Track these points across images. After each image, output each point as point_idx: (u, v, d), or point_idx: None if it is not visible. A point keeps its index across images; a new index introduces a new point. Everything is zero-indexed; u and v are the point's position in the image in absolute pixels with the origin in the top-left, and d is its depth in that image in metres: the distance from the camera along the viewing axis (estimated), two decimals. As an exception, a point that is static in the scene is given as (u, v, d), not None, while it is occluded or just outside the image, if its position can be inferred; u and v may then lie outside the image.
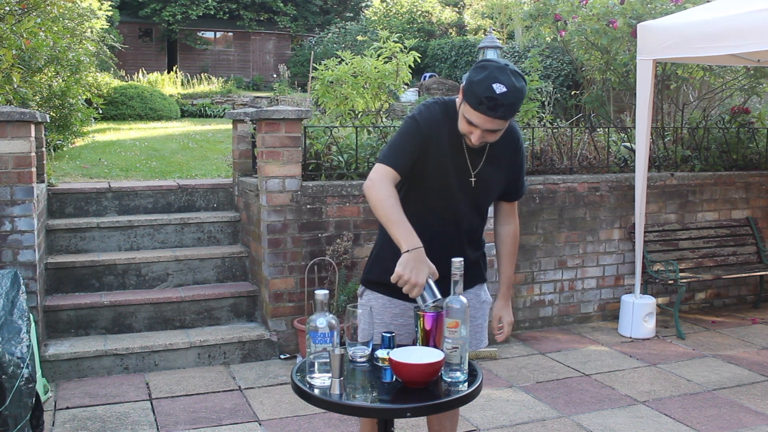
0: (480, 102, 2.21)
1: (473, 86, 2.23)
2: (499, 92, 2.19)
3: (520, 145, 2.56)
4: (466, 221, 2.53)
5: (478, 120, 2.25)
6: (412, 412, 2.05)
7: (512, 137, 2.51)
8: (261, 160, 4.74)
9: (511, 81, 2.21)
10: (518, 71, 2.28)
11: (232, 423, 3.77)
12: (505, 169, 2.52)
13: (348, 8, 28.40)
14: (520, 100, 2.24)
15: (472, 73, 2.27)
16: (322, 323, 2.07)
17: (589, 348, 5.08)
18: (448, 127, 2.41)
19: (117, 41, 13.54)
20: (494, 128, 2.28)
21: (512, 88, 2.20)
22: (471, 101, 2.24)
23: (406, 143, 2.40)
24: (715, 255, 5.92)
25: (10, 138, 4.12)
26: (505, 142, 2.45)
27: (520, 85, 2.23)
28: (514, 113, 2.26)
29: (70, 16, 7.54)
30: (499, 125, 2.28)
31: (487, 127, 2.27)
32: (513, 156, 2.53)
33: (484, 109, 2.21)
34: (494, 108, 2.20)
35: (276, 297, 4.77)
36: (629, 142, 6.04)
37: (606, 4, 6.64)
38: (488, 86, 2.19)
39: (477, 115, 2.24)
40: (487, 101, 2.20)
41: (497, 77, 2.20)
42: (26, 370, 3.18)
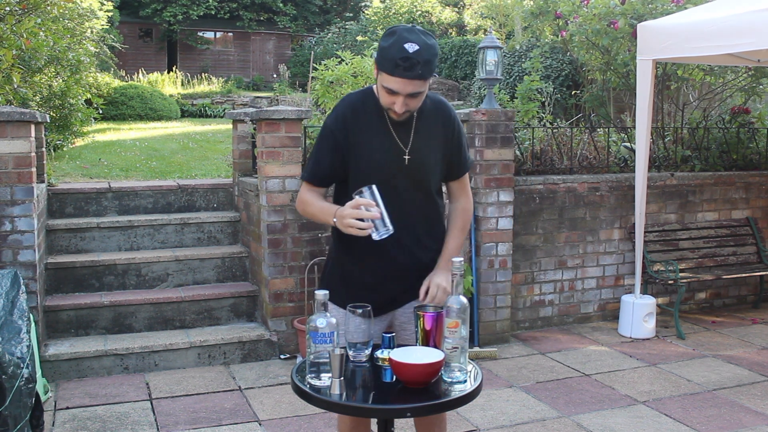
0: (396, 65, 2.18)
1: (385, 52, 2.21)
2: (412, 51, 2.17)
3: (453, 120, 2.51)
4: (413, 205, 2.45)
5: (397, 85, 2.22)
6: (413, 412, 2.05)
7: (441, 112, 2.48)
8: (261, 160, 4.74)
9: (422, 39, 2.20)
10: (427, 30, 2.26)
11: (232, 423, 3.77)
12: (440, 144, 2.47)
13: (348, 8, 28.40)
14: (434, 56, 2.22)
15: (382, 40, 2.25)
16: (323, 323, 2.07)
17: (589, 348, 5.08)
18: (366, 112, 2.40)
19: (117, 41, 13.54)
20: (415, 91, 2.25)
21: (424, 45, 2.19)
22: (386, 67, 2.21)
23: (318, 151, 2.46)
24: (715, 255, 5.92)
25: (10, 138, 4.12)
26: (433, 117, 2.44)
27: (431, 42, 2.22)
28: (431, 71, 2.23)
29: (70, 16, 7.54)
30: (420, 86, 2.25)
31: (408, 91, 2.24)
32: (446, 130, 2.48)
33: (401, 71, 2.19)
34: (411, 68, 2.18)
35: (276, 297, 4.77)
36: (629, 142, 6.04)
37: (607, 5, 6.64)
38: (400, 47, 2.18)
39: (395, 80, 2.21)
40: (403, 62, 2.17)
41: (407, 37, 2.19)
42: (26, 370, 3.18)
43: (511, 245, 5.15)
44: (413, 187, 2.44)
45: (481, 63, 5.35)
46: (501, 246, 5.09)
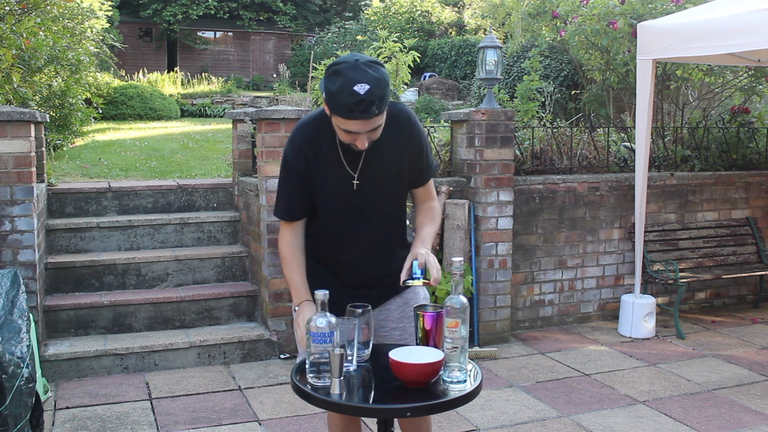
0: (350, 110, 2.08)
1: (335, 97, 2.09)
2: (364, 92, 2.05)
3: (411, 129, 2.38)
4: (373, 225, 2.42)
5: (356, 126, 2.13)
6: (412, 412, 2.05)
7: (398, 124, 2.35)
8: (261, 160, 4.74)
9: (370, 75, 2.08)
10: (371, 60, 2.14)
11: (232, 423, 3.77)
12: (397, 158, 2.37)
13: (347, 8, 28.40)
14: (387, 87, 2.11)
15: (327, 82, 2.12)
16: (322, 323, 2.07)
17: (589, 348, 5.08)
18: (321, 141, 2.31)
19: (117, 41, 13.54)
20: (375, 126, 2.17)
21: (374, 81, 2.07)
22: (341, 112, 2.10)
23: (285, 187, 2.41)
24: (715, 255, 5.92)
25: (10, 138, 4.12)
26: (387, 134, 2.30)
27: (380, 75, 2.10)
28: (386, 104, 2.15)
29: (70, 15, 7.54)
30: (379, 121, 2.16)
31: (368, 129, 2.15)
32: (403, 142, 2.37)
33: (358, 114, 2.08)
34: (367, 109, 2.08)
35: (276, 297, 4.77)
36: (629, 141, 6.04)
37: (606, 4, 6.64)
38: (350, 91, 2.06)
39: (353, 122, 2.11)
40: (357, 106, 2.06)
41: (354, 78, 2.07)
42: (26, 370, 3.18)
43: (510, 245, 5.15)
44: (370, 209, 2.40)
45: (480, 63, 5.36)
46: (501, 246, 5.09)
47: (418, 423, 2.63)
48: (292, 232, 2.44)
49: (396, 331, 2.53)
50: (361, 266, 2.46)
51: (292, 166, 2.36)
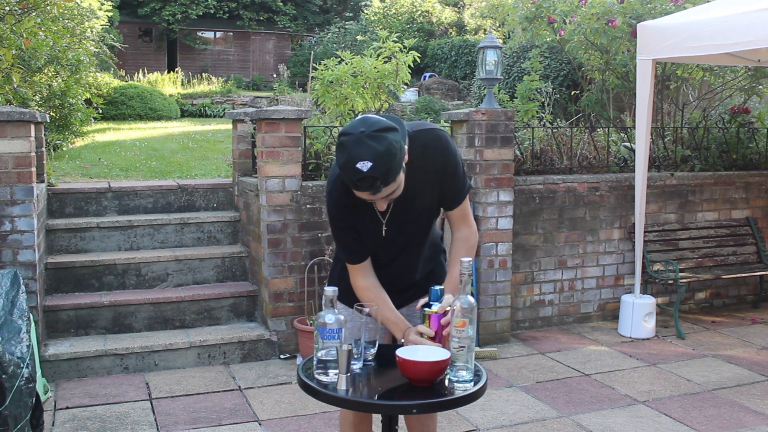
0: (356, 185, 2.10)
1: (342, 170, 2.11)
2: (367, 170, 2.03)
3: (441, 154, 2.34)
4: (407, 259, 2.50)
5: (368, 196, 2.15)
6: (418, 409, 2.06)
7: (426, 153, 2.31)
8: (261, 160, 4.74)
9: (373, 149, 2.03)
10: (378, 128, 2.08)
11: (232, 423, 3.77)
12: (428, 190, 2.38)
13: (348, 8, 28.40)
14: (393, 160, 2.06)
15: (337, 154, 2.13)
16: (331, 319, 2.08)
17: (589, 348, 5.08)
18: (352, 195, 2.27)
19: (117, 41, 13.54)
20: (387, 194, 2.16)
21: (377, 156, 2.03)
22: (350, 185, 2.14)
23: (342, 238, 2.45)
24: (715, 255, 5.92)
25: (10, 138, 4.12)
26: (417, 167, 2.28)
27: (384, 146, 2.04)
28: (395, 174, 2.09)
29: (70, 15, 7.54)
30: (391, 188, 2.15)
31: (380, 197, 2.16)
32: (434, 170, 2.35)
33: (364, 188, 2.09)
34: (371, 185, 2.07)
35: (276, 297, 4.77)
36: (629, 141, 6.05)
37: (605, 4, 6.64)
38: (353, 168, 2.05)
39: (363, 193, 2.14)
40: (362, 183, 2.07)
41: (358, 154, 2.04)
42: (26, 370, 3.18)
43: (510, 245, 5.15)
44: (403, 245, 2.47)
45: (481, 63, 5.36)
46: (501, 246, 5.10)
47: (425, 420, 2.65)
48: (363, 275, 2.45)
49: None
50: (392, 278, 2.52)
51: (337, 217, 2.41)
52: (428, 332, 2.24)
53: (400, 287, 2.55)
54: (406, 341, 2.32)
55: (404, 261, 2.52)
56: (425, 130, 2.34)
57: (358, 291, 2.45)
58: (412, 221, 2.43)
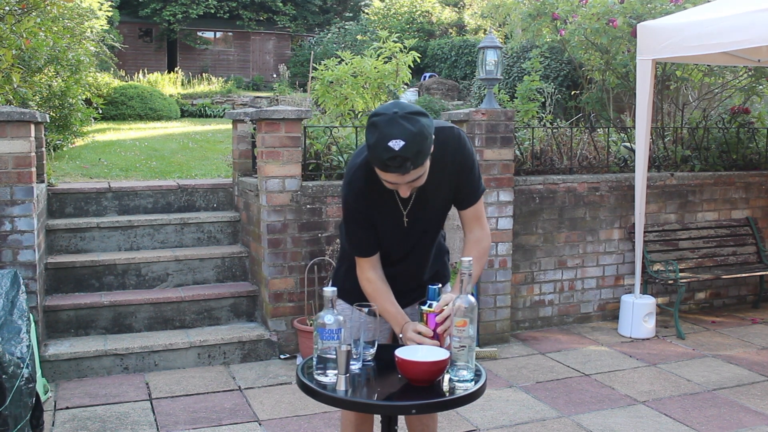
0: (385, 165, 2.09)
1: (372, 150, 2.11)
2: (399, 148, 2.04)
3: (458, 154, 2.37)
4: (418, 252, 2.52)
5: (394, 179, 2.15)
6: (418, 409, 2.06)
7: (445, 153, 2.33)
8: (261, 160, 4.74)
9: (406, 129, 2.06)
10: (411, 110, 2.11)
11: (232, 423, 3.77)
12: (445, 188, 2.40)
13: (348, 8, 28.40)
14: (424, 142, 2.09)
15: (366, 133, 2.14)
16: (330, 320, 2.08)
17: (589, 348, 5.08)
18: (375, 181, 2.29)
19: (117, 41, 13.54)
20: (414, 177, 2.16)
21: (410, 136, 2.06)
22: (378, 165, 2.13)
23: (353, 229, 2.43)
24: (715, 255, 5.92)
25: (10, 138, 4.12)
26: (437, 166, 2.30)
27: (417, 128, 2.07)
28: (425, 157, 2.12)
29: (70, 15, 7.53)
30: (418, 173, 2.15)
31: (407, 180, 2.15)
32: (452, 170, 2.37)
33: (394, 169, 2.09)
34: (401, 165, 2.08)
35: (276, 297, 4.77)
36: (629, 142, 6.05)
37: (606, 4, 6.65)
38: (385, 147, 2.06)
39: (390, 175, 2.13)
40: (392, 162, 2.07)
41: (390, 133, 2.06)
42: (26, 370, 3.18)
43: (511, 245, 5.15)
44: (418, 237, 2.48)
45: (481, 63, 5.36)
46: (501, 246, 5.10)
47: (426, 420, 2.64)
48: (370, 268, 2.45)
49: None
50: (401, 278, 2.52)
51: (354, 208, 2.39)
52: (426, 331, 2.24)
53: (408, 288, 2.54)
54: (404, 338, 2.32)
55: (415, 257, 2.52)
56: (444, 128, 2.36)
57: (362, 282, 2.45)
58: (427, 216, 2.44)
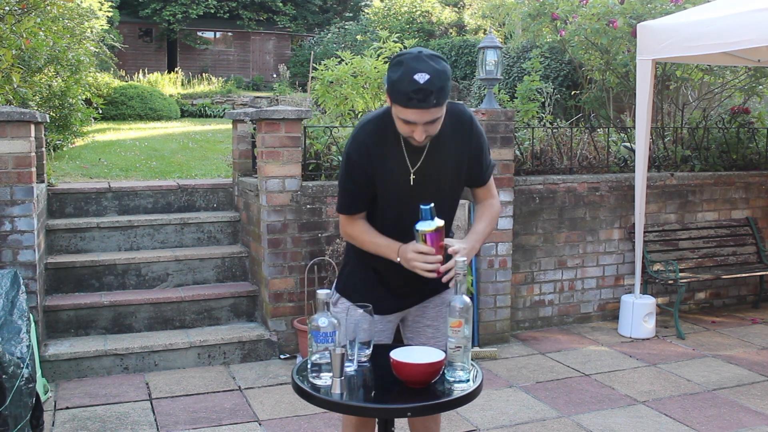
0: (409, 98, 2.12)
1: (396, 85, 2.15)
2: (424, 81, 2.10)
3: (471, 130, 2.43)
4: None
5: (414, 116, 2.16)
6: (413, 412, 2.05)
7: (460, 125, 2.40)
8: (261, 160, 4.74)
9: (432, 66, 2.13)
10: (434, 54, 2.19)
11: (232, 423, 3.77)
12: (457, 160, 2.42)
13: (347, 8, 28.39)
14: (447, 81, 2.16)
15: (390, 72, 2.18)
16: (324, 323, 2.08)
17: (589, 348, 5.08)
18: (385, 137, 2.34)
19: (117, 41, 13.54)
20: (433, 118, 2.19)
21: (435, 72, 2.12)
22: (400, 101, 2.15)
23: (349, 185, 2.42)
24: (715, 255, 5.92)
25: (10, 138, 4.12)
26: (450, 134, 2.37)
27: (441, 67, 2.15)
28: (446, 96, 2.17)
29: (70, 16, 7.54)
30: (437, 113, 2.19)
31: (426, 120, 2.18)
32: (464, 143, 2.42)
33: (416, 103, 2.12)
34: (425, 99, 2.12)
35: (276, 297, 4.77)
36: (629, 142, 6.05)
37: (606, 4, 6.64)
38: (410, 79, 2.11)
39: (411, 111, 2.15)
40: (416, 95, 2.11)
41: (416, 67, 2.12)
42: (26, 370, 3.18)
43: (510, 245, 5.15)
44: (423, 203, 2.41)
45: (480, 63, 5.35)
46: (501, 246, 5.09)
47: (427, 423, 2.64)
48: (351, 223, 2.47)
49: (429, 328, 2.55)
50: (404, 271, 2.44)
51: (355, 162, 2.38)
52: (428, 249, 2.23)
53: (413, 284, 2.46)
54: (403, 260, 2.29)
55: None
56: (457, 103, 2.45)
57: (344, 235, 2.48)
58: (436, 183, 2.41)
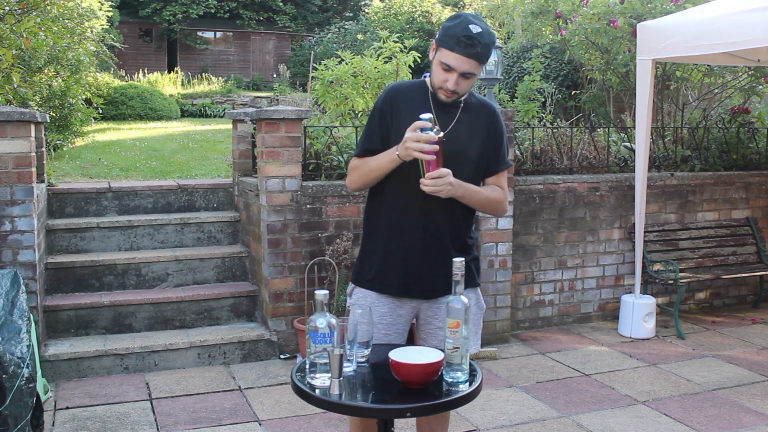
0: (458, 42, 2.30)
1: (449, 30, 2.34)
2: (476, 32, 2.31)
3: (497, 119, 2.58)
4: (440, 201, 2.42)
5: (456, 61, 2.33)
6: (412, 412, 2.05)
7: (487, 110, 2.56)
8: (261, 160, 4.74)
9: (485, 25, 2.36)
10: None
11: (232, 423, 3.77)
12: (480, 139, 2.52)
13: (348, 8, 28.39)
14: (492, 44, 2.37)
15: (447, 21, 2.38)
16: (322, 323, 2.07)
17: (589, 348, 5.08)
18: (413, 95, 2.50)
19: (117, 41, 13.54)
20: (470, 70, 2.35)
21: (486, 30, 2.34)
22: (448, 44, 2.33)
23: (368, 127, 2.55)
24: (715, 255, 5.92)
25: (10, 138, 4.12)
26: (477, 113, 2.52)
27: (491, 30, 2.37)
28: (487, 56, 2.37)
29: (70, 15, 7.54)
30: (475, 67, 2.36)
31: (464, 69, 2.34)
32: (489, 127, 2.54)
33: (462, 47, 2.30)
34: (472, 46, 2.30)
35: (276, 297, 4.77)
36: (629, 142, 6.05)
37: (606, 4, 6.65)
38: (465, 27, 2.32)
39: (454, 56, 2.32)
40: (466, 39, 2.30)
41: (472, 20, 2.34)
42: (26, 370, 3.18)
43: (510, 245, 5.15)
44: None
45: (481, 63, 5.35)
46: (501, 246, 5.09)
47: (433, 425, 2.64)
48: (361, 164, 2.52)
49: (441, 331, 2.53)
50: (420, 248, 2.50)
51: (378, 107, 2.53)
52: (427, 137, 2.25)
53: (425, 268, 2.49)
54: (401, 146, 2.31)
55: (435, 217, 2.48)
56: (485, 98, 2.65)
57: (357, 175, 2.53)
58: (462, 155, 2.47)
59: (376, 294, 2.54)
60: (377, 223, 2.56)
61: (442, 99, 2.44)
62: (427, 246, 2.50)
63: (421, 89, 2.51)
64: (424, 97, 2.48)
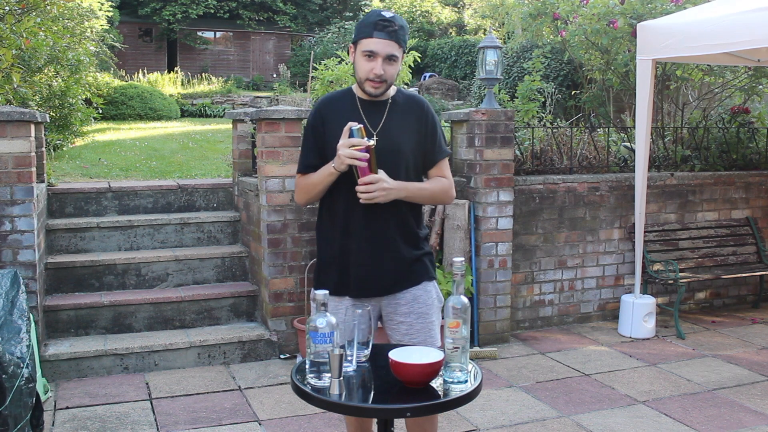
0: (375, 26, 2.41)
1: (364, 21, 2.47)
2: (389, 16, 2.44)
3: (426, 111, 2.62)
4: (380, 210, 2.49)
5: (377, 45, 2.41)
6: (412, 412, 2.05)
7: (415, 104, 2.61)
8: (261, 160, 4.74)
9: (395, 14, 2.49)
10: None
11: (232, 423, 3.77)
12: (413, 134, 2.56)
13: (347, 7, 28.38)
14: (406, 28, 2.49)
15: (360, 20, 2.53)
16: (322, 323, 2.08)
17: (589, 348, 5.08)
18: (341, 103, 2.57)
19: (117, 41, 13.54)
20: (393, 52, 2.43)
21: (397, 16, 2.47)
22: (366, 32, 2.43)
23: (304, 145, 2.63)
24: (715, 255, 5.92)
25: (10, 138, 4.12)
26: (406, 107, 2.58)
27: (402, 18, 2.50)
28: (404, 40, 2.46)
29: (70, 15, 7.54)
30: (396, 49, 2.44)
31: (387, 52, 2.42)
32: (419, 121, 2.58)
33: (380, 29, 2.41)
34: (390, 26, 2.41)
35: (276, 297, 4.77)
36: (629, 142, 6.05)
37: (606, 4, 6.64)
38: (378, 14, 2.44)
39: (375, 40, 2.41)
40: (382, 22, 2.41)
41: (381, 9, 2.48)
42: (26, 370, 3.18)
43: (510, 245, 5.15)
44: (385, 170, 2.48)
45: (481, 63, 5.35)
46: (501, 246, 5.10)
47: (424, 425, 2.64)
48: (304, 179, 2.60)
49: (403, 325, 2.60)
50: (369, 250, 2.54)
51: (309, 123, 2.61)
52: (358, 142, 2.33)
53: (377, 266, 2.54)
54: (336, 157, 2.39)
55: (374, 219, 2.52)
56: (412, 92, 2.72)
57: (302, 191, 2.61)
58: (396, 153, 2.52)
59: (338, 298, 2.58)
60: (328, 234, 2.63)
61: (371, 92, 2.48)
62: (377, 247, 2.55)
63: (348, 97, 2.58)
64: (352, 104, 2.55)
